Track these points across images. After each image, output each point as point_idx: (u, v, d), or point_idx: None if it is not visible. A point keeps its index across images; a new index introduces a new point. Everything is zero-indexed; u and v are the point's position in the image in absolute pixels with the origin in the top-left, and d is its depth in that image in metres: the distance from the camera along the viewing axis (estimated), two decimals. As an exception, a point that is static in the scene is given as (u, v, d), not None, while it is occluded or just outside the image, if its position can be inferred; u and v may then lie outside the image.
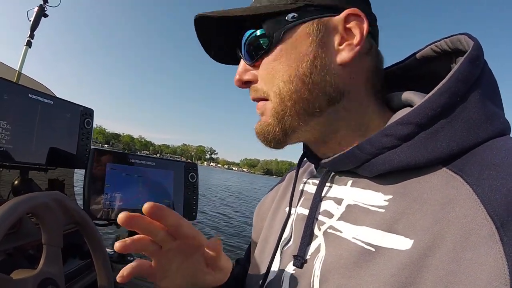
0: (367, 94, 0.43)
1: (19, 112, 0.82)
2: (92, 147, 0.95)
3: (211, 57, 0.50)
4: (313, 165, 0.56)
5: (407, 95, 0.41)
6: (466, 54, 0.34)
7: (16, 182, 0.90)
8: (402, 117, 0.35)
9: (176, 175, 0.89)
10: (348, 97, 0.42)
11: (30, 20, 1.43)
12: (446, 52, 0.40)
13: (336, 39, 0.41)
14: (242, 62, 0.46)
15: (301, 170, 0.58)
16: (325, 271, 0.38)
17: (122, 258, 1.05)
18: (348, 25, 0.40)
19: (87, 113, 0.99)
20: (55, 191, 0.63)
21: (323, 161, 0.46)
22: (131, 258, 1.06)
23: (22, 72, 1.27)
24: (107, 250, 0.72)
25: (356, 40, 0.40)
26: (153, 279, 0.45)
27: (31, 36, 1.43)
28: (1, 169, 1.06)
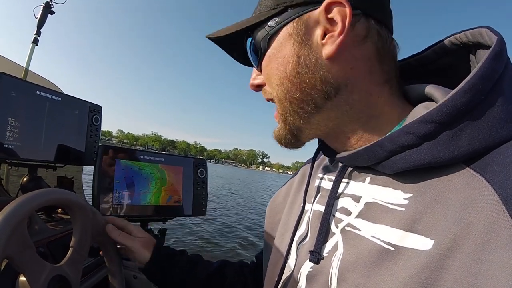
0: (374, 84, 0.41)
1: (27, 109, 0.81)
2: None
3: (235, 59, 0.53)
4: (327, 159, 0.55)
5: (427, 89, 0.39)
6: (490, 50, 0.32)
7: (24, 179, 0.89)
8: (424, 115, 0.33)
9: (185, 171, 0.88)
10: (347, 89, 0.40)
11: (37, 18, 1.42)
12: (465, 45, 0.38)
13: (319, 33, 0.39)
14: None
15: (315, 164, 0.57)
16: (343, 269, 0.37)
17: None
18: (329, 15, 0.38)
19: (95, 110, 0.98)
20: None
21: (339, 155, 0.45)
22: None
23: (29, 69, 1.27)
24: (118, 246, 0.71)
25: (338, 30, 0.37)
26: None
27: (38, 33, 1.42)
28: (10, 167, 1.06)
